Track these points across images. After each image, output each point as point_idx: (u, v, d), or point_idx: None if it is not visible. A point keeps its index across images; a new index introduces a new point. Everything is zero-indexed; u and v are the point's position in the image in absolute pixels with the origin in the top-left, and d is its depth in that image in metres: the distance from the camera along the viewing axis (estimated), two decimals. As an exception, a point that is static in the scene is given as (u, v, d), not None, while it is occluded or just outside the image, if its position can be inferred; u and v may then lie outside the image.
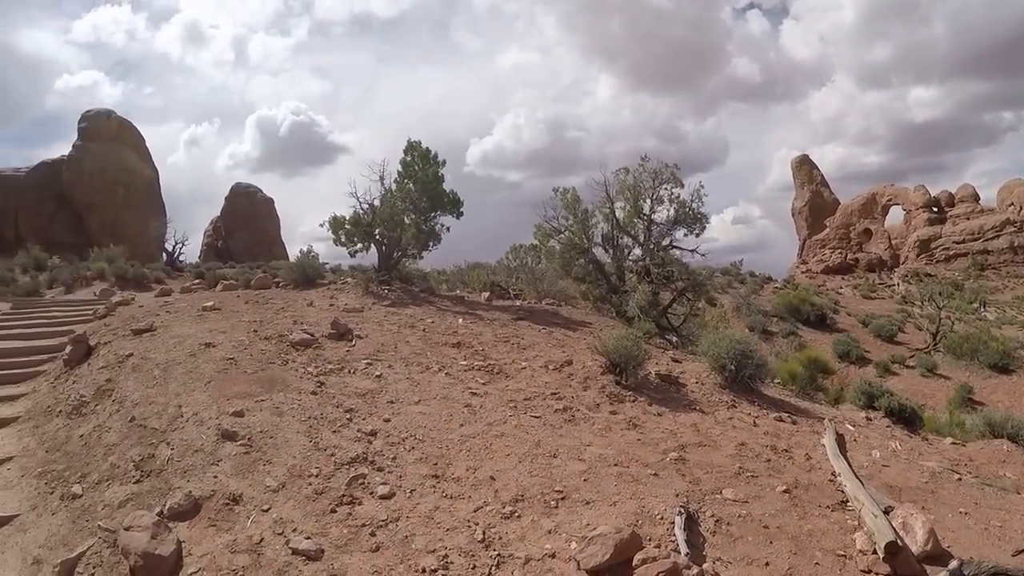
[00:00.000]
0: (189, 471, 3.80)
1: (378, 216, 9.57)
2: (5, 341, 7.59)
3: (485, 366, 5.74)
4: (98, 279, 14.50)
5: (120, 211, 32.21)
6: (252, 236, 39.04)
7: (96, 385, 5.41)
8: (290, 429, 4.15)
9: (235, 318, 6.95)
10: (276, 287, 9.93)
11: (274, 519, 3.22)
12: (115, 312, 8.49)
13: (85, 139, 33.36)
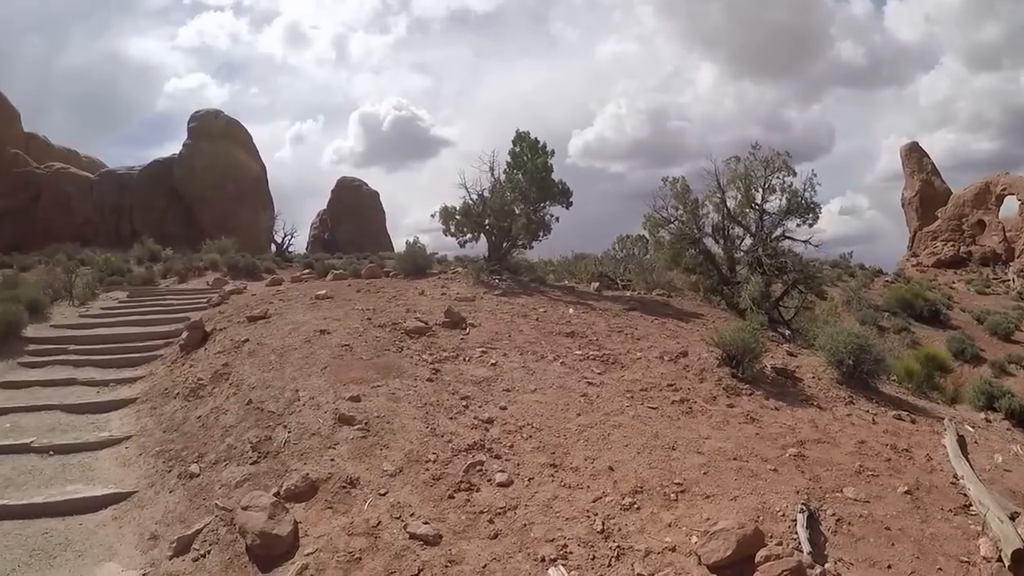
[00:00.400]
0: (306, 454, 5.63)
1: (488, 206, 14.19)
2: (123, 327, 12.17)
3: (600, 356, 8.04)
4: (210, 269, 21.98)
5: (230, 205, 49.92)
6: (358, 228, 59.08)
7: (213, 369, 8.14)
8: (407, 415, 6.17)
9: (348, 306, 10.05)
10: (386, 276, 14.62)
11: (391, 503, 4.85)
12: (228, 300, 12.55)
13: (195, 138, 52.80)
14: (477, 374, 7.27)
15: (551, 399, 6.65)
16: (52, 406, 8.11)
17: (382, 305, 10.07)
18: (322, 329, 8.65)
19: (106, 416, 7.93)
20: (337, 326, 8.80)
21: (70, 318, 13.53)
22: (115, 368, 9.78)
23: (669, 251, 15.01)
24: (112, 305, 15.37)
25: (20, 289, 14.19)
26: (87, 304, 15.27)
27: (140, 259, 25.06)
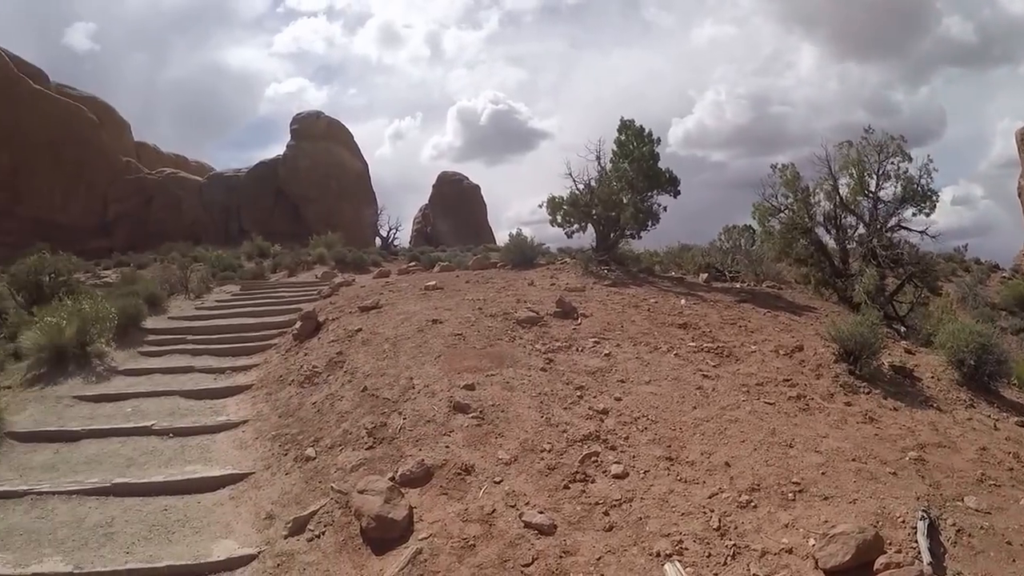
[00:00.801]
0: (421, 440, 5.86)
1: (596, 196, 14.56)
2: (237, 319, 13.12)
3: (714, 348, 8.22)
4: (318, 263, 23.55)
5: (334, 202, 54.48)
6: (460, 222, 62.05)
7: (328, 357, 8.56)
8: (521, 404, 6.35)
9: (458, 296, 10.49)
10: (494, 268, 15.08)
11: (506, 491, 5.00)
12: (338, 292, 13.30)
13: (298, 139, 58.17)
14: (591, 364, 7.39)
15: (666, 391, 6.73)
16: (171, 392, 8.72)
17: (492, 295, 10.39)
18: (434, 319, 8.99)
19: (223, 401, 8.48)
20: (449, 316, 9.13)
21: (186, 311, 14.58)
22: (231, 357, 10.49)
23: (779, 241, 15.03)
24: (225, 298, 16.58)
25: (139, 285, 15.39)
26: (202, 297, 16.46)
27: (250, 255, 27.18)
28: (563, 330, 8.59)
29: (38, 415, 8.16)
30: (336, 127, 61.24)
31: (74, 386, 9.19)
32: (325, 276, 19.35)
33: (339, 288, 13.90)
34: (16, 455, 7.14)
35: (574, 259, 14.78)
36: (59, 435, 7.48)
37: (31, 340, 9.98)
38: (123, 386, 9.18)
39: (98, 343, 10.29)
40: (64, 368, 9.71)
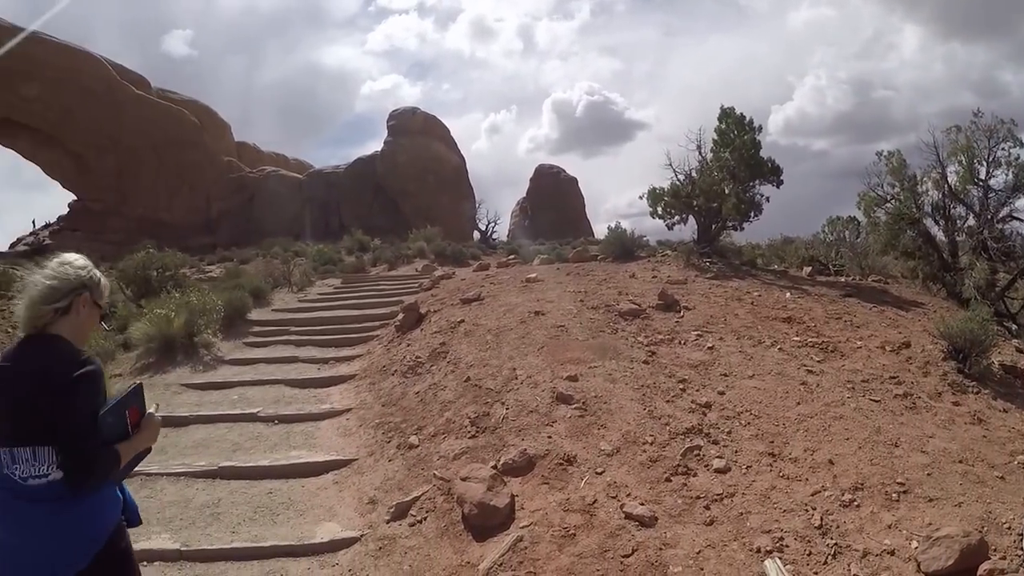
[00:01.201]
0: (524, 430, 6.04)
1: (697, 186, 14.59)
2: (340, 311, 13.81)
3: (819, 343, 8.27)
4: (418, 257, 24.50)
5: (432, 196, 56.50)
6: (558, 215, 62.43)
7: (431, 348, 8.88)
8: (623, 396, 6.46)
9: (559, 289, 10.70)
10: (594, 260, 15.15)
11: (608, 482, 5.12)
12: (439, 285, 13.85)
13: (395, 135, 60.73)
14: (693, 357, 7.47)
15: (769, 386, 6.75)
16: (276, 380, 9.25)
17: (593, 288, 10.52)
18: (536, 311, 9.17)
19: (326, 390, 8.95)
20: (551, 308, 9.30)
21: (289, 303, 15.40)
22: (334, 347, 11.05)
23: (885, 233, 14.66)
24: (328, 291, 17.43)
25: (243, 278, 16.30)
26: (304, 290, 17.34)
27: (350, 249, 28.39)
28: (666, 323, 8.68)
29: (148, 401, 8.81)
30: (432, 122, 63.29)
31: (182, 375, 9.86)
32: (425, 269, 20.01)
33: (439, 281, 14.44)
34: None
35: (675, 251, 14.93)
36: (168, 420, 8.03)
37: (141, 331, 10.73)
38: (229, 375, 9.77)
39: (205, 334, 10.97)
40: (172, 358, 10.44)
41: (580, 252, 16.50)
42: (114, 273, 20.81)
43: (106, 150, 50.61)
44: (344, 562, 5.03)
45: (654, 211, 15.13)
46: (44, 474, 2.49)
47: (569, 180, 68.99)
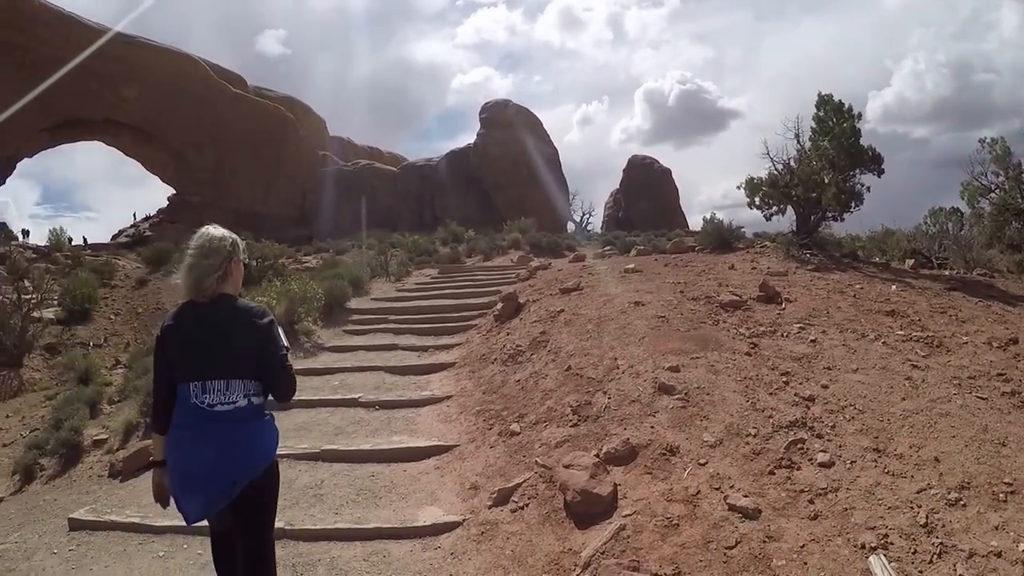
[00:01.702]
0: (626, 420, 6.08)
1: (796, 176, 14.35)
2: (437, 300, 14.16)
3: (924, 338, 8.10)
4: (512, 248, 24.94)
5: (525, 188, 57.83)
6: (651, 206, 63.36)
7: (531, 337, 9.01)
8: (726, 388, 6.45)
9: (658, 280, 10.76)
10: (691, 252, 15.21)
11: (711, 474, 5.13)
12: (536, 275, 14.00)
13: (487, 127, 62.71)
14: (796, 350, 7.39)
15: (873, 380, 6.62)
16: (376, 367, 9.54)
17: (692, 279, 10.52)
18: (636, 301, 9.20)
19: (426, 378, 9.17)
20: (651, 298, 9.32)
21: (387, 292, 15.87)
22: (432, 336, 11.33)
23: (990, 224, 14.66)
24: (425, 281, 17.90)
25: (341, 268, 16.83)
26: (402, 280, 17.85)
27: (445, 240, 29.15)
28: (767, 315, 8.61)
29: None
30: (525, 114, 64.63)
31: None
32: (521, 260, 20.23)
33: (536, 271, 14.63)
34: None
35: (774, 243, 14.72)
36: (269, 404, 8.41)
37: (240, 320, 11.19)
38: (329, 361, 10.12)
39: (305, 321, 11.38)
40: None
41: (677, 243, 16.55)
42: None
43: (204, 146, 53.34)
44: (446, 546, 5.14)
45: (751, 201, 14.97)
46: (232, 401, 3.31)
47: (663, 171, 68.89)
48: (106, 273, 22.51)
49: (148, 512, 5.99)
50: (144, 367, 10.79)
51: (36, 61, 41.66)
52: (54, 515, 6.66)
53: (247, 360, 3.34)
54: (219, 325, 3.34)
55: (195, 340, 3.33)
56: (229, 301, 3.42)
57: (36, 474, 8.47)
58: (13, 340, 15.96)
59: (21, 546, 5.94)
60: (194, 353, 3.33)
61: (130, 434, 8.47)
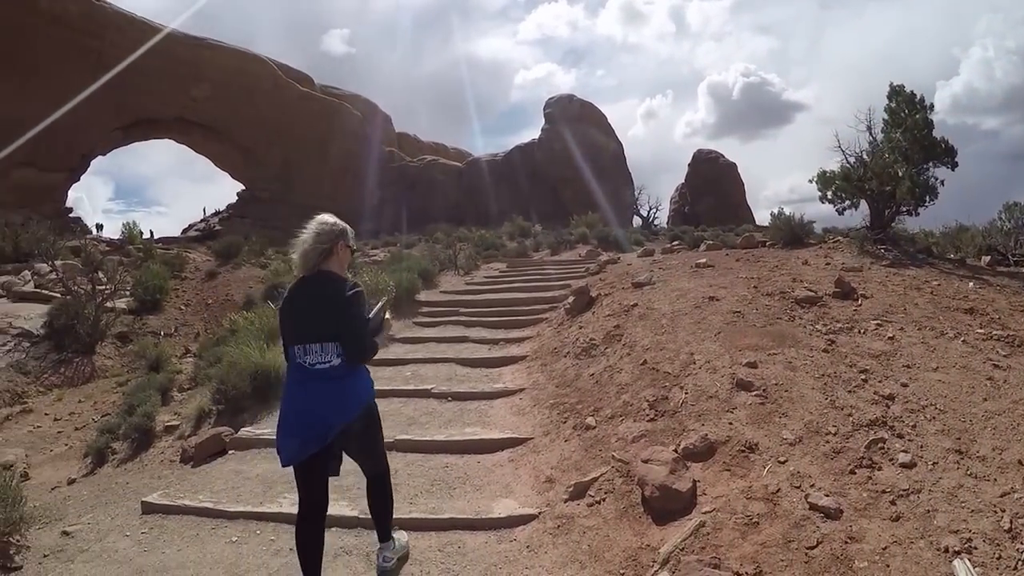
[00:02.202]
0: (703, 415, 6.02)
1: (870, 169, 14.05)
2: (507, 293, 14.42)
3: (1004, 337, 7.94)
4: (580, 242, 25.47)
5: (590, 183, 57.75)
6: (717, 201, 63.68)
7: (605, 331, 8.99)
8: (804, 384, 6.38)
9: (731, 274, 10.65)
10: (761, 247, 15.08)
11: (791, 472, 5.08)
12: (606, 269, 14.10)
13: (552, 122, 64.08)
14: (874, 347, 7.26)
15: (954, 379, 6.49)
16: (447, 359, 9.66)
17: (765, 274, 10.43)
18: (710, 296, 9.13)
19: (498, 370, 9.26)
20: (724, 293, 9.25)
21: (457, 285, 16.09)
22: (503, 328, 11.45)
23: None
24: (493, 274, 18.13)
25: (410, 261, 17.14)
26: (471, 274, 18.09)
27: (511, 235, 29.85)
28: (843, 311, 8.48)
29: None
30: (589, 109, 65.78)
31: None
32: (589, 255, 20.58)
33: (606, 266, 14.75)
34: None
35: (847, 238, 14.57)
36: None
37: (316, 308, 11.42)
38: (401, 352, 10.28)
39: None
40: None
41: (747, 238, 16.45)
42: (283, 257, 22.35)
43: (272, 143, 54.67)
44: (522, 538, 5.15)
45: (823, 195, 14.88)
46: (327, 361, 4.03)
47: (728, 165, 68.75)
48: (177, 265, 23.21)
49: (221, 498, 6.16)
50: (215, 356, 11.11)
51: (109, 63, 43.18)
52: (126, 498, 6.87)
53: (332, 326, 4.02)
54: (317, 296, 4.09)
55: (298, 309, 4.13)
56: (328, 276, 4.15)
57: (108, 457, 8.78)
58: (87, 329, 16.54)
59: (93, 527, 6.13)
60: (297, 320, 4.13)
61: (202, 421, 8.70)
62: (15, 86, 39.04)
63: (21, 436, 11.36)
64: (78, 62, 41.92)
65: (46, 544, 5.86)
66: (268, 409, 8.48)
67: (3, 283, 20.35)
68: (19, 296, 19.34)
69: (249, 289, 22.26)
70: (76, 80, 41.01)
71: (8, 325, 16.98)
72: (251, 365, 8.77)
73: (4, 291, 19.76)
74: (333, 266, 4.22)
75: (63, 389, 14.69)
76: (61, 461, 9.61)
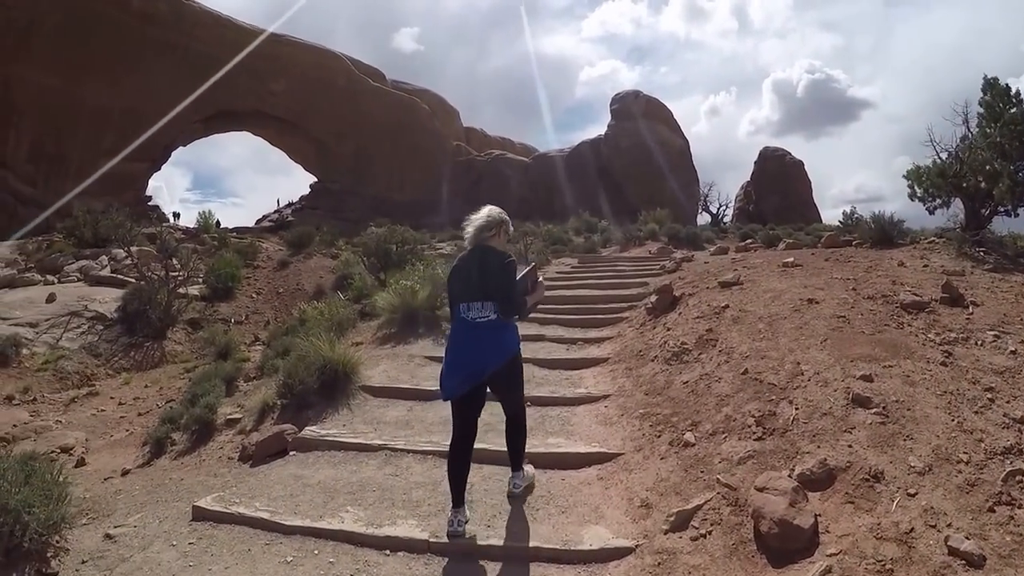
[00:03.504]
0: (818, 435, 5.17)
1: (967, 165, 13.09)
2: (581, 290, 13.77)
3: None
4: (649, 239, 25.00)
5: (656, 179, 58.21)
6: (783, 199, 61.97)
7: (696, 334, 8.11)
8: (926, 403, 5.55)
9: (823, 275, 9.73)
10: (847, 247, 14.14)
11: (923, 507, 4.32)
12: (682, 267, 13.45)
13: (618, 119, 63.87)
14: (995, 362, 6.39)
15: None
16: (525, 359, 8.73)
17: (861, 275, 9.53)
18: (808, 298, 8.24)
19: (578, 373, 8.43)
20: (822, 296, 8.36)
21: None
22: (580, 328, 10.69)
23: None
24: (565, 270, 17.49)
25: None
26: (542, 269, 17.23)
27: (578, 230, 29.68)
28: (954, 319, 7.58)
29: (391, 371, 8.76)
30: (655, 105, 64.91)
31: (424, 347, 9.79)
32: (660, 252, 20.24)
33: (682, 263, 14.25)
34: (370, 408, 7.66)
35: (943, 239, 13.42)
36: (413, 393, 7.88)
37: (385, 301, 10.82)
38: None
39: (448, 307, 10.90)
40: (414, 329, 10.44)
41: (831, 237, 15.77)
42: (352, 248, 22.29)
43: (345, 136, 55.70)
44: (616, 576, 4.38)
45: (913, 192, 14.04)
46: (486, 316, 4.79)
47: (795, 163, 67.33)
48: (249, 254, 23.46)
49: (278, 507, 5.49)
50: (284, 346, 10.60)
51: (193, 59, 44.63)
52: (178, 498, 6.27)
53: (492, 288, 4.81)
54: (480, 264, 4.90)
55: (466, 274, 4.96)
56: (491, 249, 5.00)
57: (166, 448, 8.36)
58: (159, 314, 16.54)
59: (140, 531, 5.51)
60: (465, 282, 4.93)
61: (265, 415, 8.09)
62: (106, 79, 40.51)
63: (84, 419, 11.32)
64: (166, 57, 43.53)
65: (87, 547, 5.29)
66: (334, 407, 7.81)
67: (81, 267, 20.59)
68: (95, 280, 19.53)
69: (320, 279, 22.48)
70: (163, 75, 42.75)
71: (84, 308, 17.11)
72: (320, 359, 8.08)
73: (82, 275, 19.99)
74: (495, 243, 5.07)
75: (131, 373, 14.87)
76: (120, 447, 9.35)
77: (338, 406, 7.76)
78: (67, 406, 12.29)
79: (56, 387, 13.76)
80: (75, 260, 21.24)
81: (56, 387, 13.76)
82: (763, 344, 7.07)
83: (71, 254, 21.66)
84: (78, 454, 9.18)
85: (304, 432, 7.04)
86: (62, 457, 8.84)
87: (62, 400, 12.70)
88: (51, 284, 19.05)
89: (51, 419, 11.30)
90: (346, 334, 11.28)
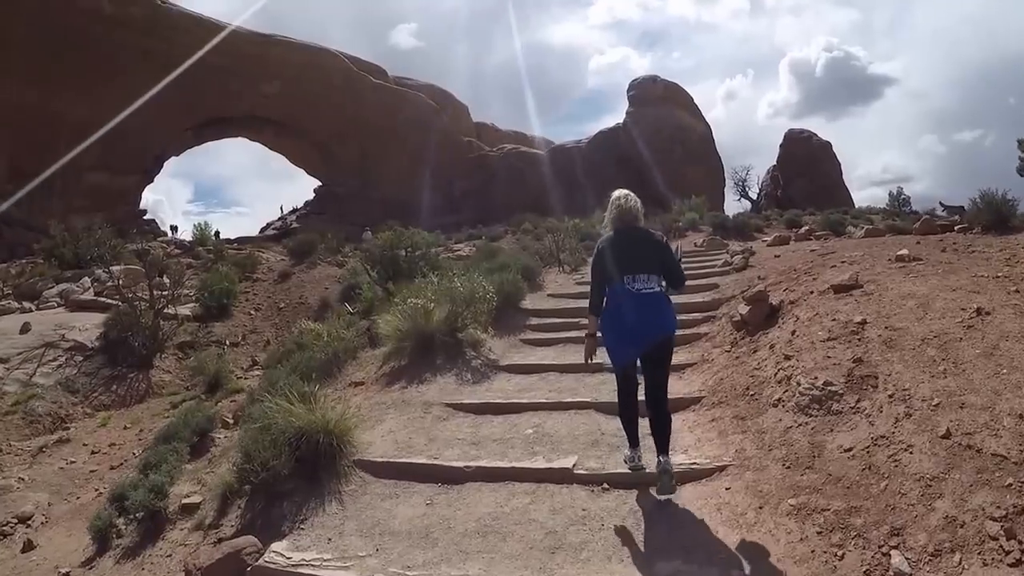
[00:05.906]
0: None
1: None
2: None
3: None
4: (690, 230, 23.74)
5: (679, 166, 56.37)
6: (812, 182, 60.56)
7: (839, 365, 5.57)
8: None
9: (962, 272, 7.21)
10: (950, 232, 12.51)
11: None
12: (751, 264, 11.53)
13: (636, 105, 62.43)
14: None
15: None
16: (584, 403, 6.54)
17: (1007, 271, 6.90)
18: (976, 308, 5.70)
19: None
20: (986, 303, 5.81)
21: (565, 286, 13.15)
22: None
23: None
24: None
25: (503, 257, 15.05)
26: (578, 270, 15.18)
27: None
28: None
29: (399, 432, 6.42)
30: (674, 90, 63.44)
31: (445, 387, 7.53)
32: (710, 244, 18.22)
33: (749, 259, 12.25)
34: (370, 501, 5.30)
35: None
36: (432, 471, 5.54)
37: (390, 325, 8.55)
38: (510, 389, 7.28)
39: (471, 328, 8.55)
40: (430, 360, 8.17)
41: (926, 222, 14.23)
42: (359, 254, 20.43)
43: (348, 137, 54.09)
44: None
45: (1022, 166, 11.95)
46: (651, 288, 4.95)
47: (822, 145, 65.84)
48: (248, 267, 21.84)
49: None
50: (273, 378, 8.29)
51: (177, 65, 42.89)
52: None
53: (655, 262, 5.01)
54: (644, 241, 5.13)
55: (626, 251, 5.05)
56: (646, 230, 5.28)
57: (111, 542, 6.46)
58: (144, 340, 14.49)
59: None
60: (628, 258, 5.01)
61: (229, 503, 5.79)
62: (83, 91, 39.15)
63: (51, 474, 9.98)
64: (145, 64, 41.84)
65: None
66: (318, 496, 5.34)
67: (62, 291, 18.73)
68: (77, 305, 17.57)
69: (325, 290, 20.79)
70: (144, 82, 40.99)
71: (60, 338, 15.07)
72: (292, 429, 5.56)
73: (62, 300, 18.01)
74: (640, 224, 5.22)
75: (110, 411, 13.00)
76: (80, 519, 7.67)
77: (324, 493, 5.34)
78: (35, 457, 10.71)
79: (25, 432, 11.98)
80: (55, 284, 19.44)
81: (25, 432, 11.98)
82: (951, 383, 4.68)
83: (52, 277, 19.91)
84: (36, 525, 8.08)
85: (268, 557, 4.58)
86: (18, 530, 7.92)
87: (30, 450, 11.04)
88: (27, 312, 17.09)
89: (14, 475, 9.88)
90: (344, 368, 8.95)
